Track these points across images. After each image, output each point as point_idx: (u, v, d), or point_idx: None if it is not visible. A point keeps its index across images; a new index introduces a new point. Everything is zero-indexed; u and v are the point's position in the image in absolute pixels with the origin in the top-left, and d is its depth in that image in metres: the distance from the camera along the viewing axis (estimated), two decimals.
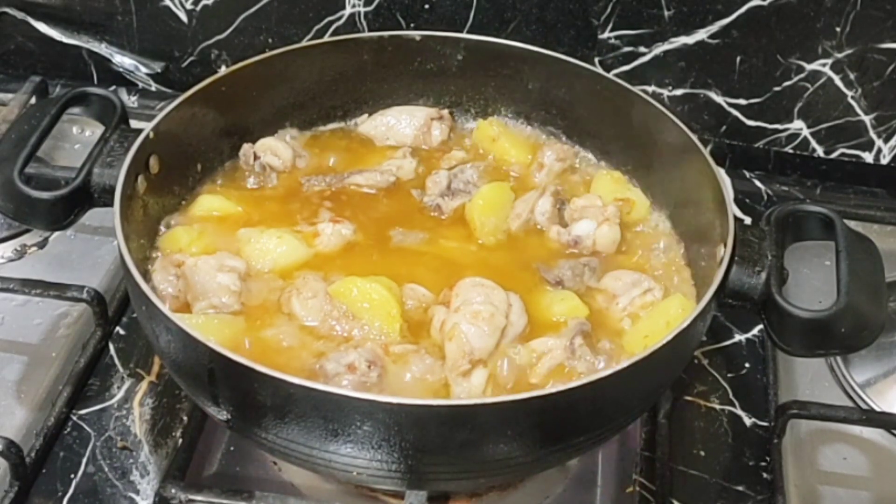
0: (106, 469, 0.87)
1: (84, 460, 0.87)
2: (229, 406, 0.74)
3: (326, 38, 1.15)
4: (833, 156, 1.18)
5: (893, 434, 0.93)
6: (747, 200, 1.17)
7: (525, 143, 1.01)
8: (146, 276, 0.84)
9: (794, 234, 0.84)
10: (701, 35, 1.12)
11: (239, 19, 1.19)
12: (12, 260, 1.05)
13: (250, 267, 0.85)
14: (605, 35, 1.13)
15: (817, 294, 1.00)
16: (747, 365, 0.99)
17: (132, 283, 0.76)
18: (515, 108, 1.03)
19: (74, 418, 0.90)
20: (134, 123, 0.90)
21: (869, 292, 0.79)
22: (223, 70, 0.96)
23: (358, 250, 0.89)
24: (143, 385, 0.93)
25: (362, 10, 1.15)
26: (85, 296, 0.94)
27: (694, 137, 0.89)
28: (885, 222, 1.13)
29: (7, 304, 0.99)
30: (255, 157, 0.96)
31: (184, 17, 1.19)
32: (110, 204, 0.81)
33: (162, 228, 0.90)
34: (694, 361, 0.97)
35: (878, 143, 1.16)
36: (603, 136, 0.99)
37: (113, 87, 1.25)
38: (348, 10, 1.15)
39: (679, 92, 1.16)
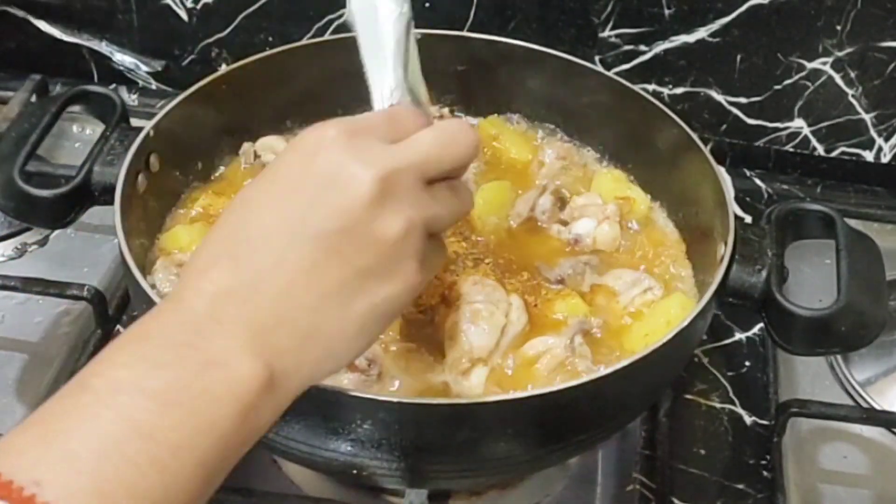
0: None
1: None
2: None
3: (327, 37, 1.15)
4: (833, 154, 1.18)
5: (894, 433, 0.93)
6: (748, 199, 1.17)
7: (525, 142, 1.01)
8: (147, 274, 0.84)
9: (794, 232, 0.84)
10: (701, 33, 1.12)
11: (239, 17, 1.19)
12: (13, 258, 1.05)
13: None
14: (606, 33, 1.13)
15: (817, 292, 0.99)
16: (748, 363, 0.99)
17: (133, 281, 0.76)
18: (516, 106, 1.03)
19: None
20: (134, 122, 0.90)
21: (869, 291, 0.79)
22: (224, 68, 0.96)
23: None
24: None
25: None
26: (85, 294, 0.94)
27: (694, 136, 0.89)
28: (886, 221, 1.13)
29: (7, 303, 0.99)
30: (256, 156, 0.96)
31: (184, 16, 1.19)
32: (111, 202, 0.81)
33: (162, 227, 0.90)
34: (694, 360, 0.97)
35: (879, 141, 1.16)
36: (603, 135, 0.99)
37: (113, 86, 1.25)
38: None
39: (679, 90, 1.16)
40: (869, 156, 1.17)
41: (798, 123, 1.16)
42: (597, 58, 1.14)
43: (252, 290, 0.54)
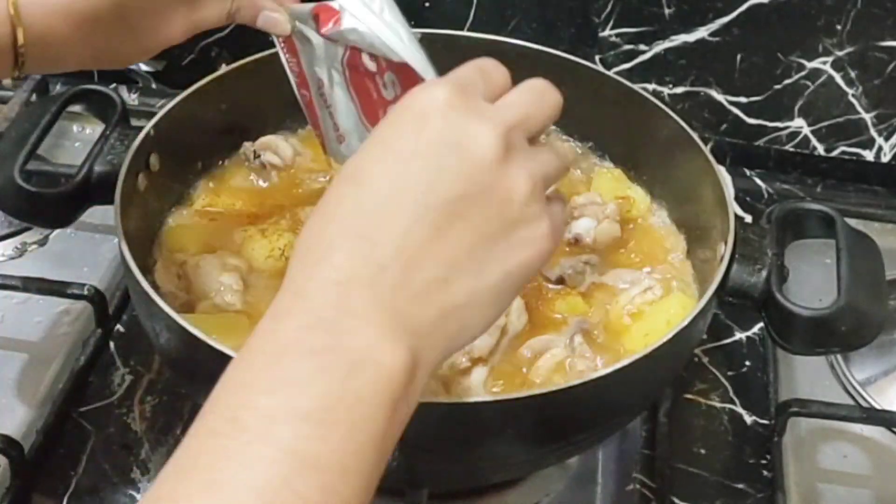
0: (106, 467, 0.87)
1: (84, 458, 0.87)
2: None
3: None
4: (833, 154, 1.18)
5: (894, 432, 0.93)
6: (748, 198, 1.16)
7: None
8: (147, 273, 0.84)
9: (794, 232, 0.84)
10: (701, 33, 1.12)
11: None
12: (13, 258, 1.05)
13: (251, 265, 0.85)
14: (606, 33, 1.13)
15: (817, 292, 0.99)
16: (748, 363, 0.99)
17: (133, 281, 0.76)
18: None
19: (75, 416, 0.90)
20: (134, 121, 0.90)
21: (869, 290, 0.79)
22: (224, 68, 0.96)
23: None
24: (144, 383, 0.93)
25: None
26: (86, 293, 0.94)
27: (694, 135, 0.89)
28: (886, 220, 1.13)
29: (7, 302, 0.99)
30: (256, 155, 0.96)
31: None
32: (111, 201, 0.81)
33: (162, 226, 0.90)
34: (694, 359, 0.97)
35: (879, 140, 1.16)
36: (603, 134, 0.99)
37: (113, 85, 1.24)
38: None
39: (679, 90, 1.16)
40: (869, 155, 1.17)
41: (798, 123, 1.16)
42: (597, 57, 1.14)
43: (381, 272, 0.49)
